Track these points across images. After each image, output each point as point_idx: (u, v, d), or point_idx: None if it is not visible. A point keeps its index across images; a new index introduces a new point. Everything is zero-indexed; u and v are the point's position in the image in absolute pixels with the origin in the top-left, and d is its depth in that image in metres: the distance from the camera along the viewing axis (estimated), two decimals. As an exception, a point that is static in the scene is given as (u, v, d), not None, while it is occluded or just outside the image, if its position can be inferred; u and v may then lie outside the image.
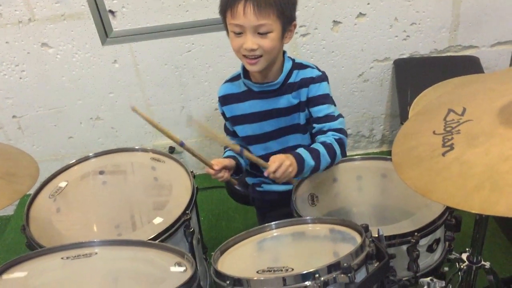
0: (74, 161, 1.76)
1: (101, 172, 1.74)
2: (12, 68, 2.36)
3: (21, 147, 2.59)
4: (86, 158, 1.78)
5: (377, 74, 2.48)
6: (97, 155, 1.80)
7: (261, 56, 1.49)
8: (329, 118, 1.57)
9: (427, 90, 1.69)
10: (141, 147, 1.82)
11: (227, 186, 2.00)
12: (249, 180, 1.83)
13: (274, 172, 1.41)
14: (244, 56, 1.50)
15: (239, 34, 1.47)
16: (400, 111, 2.23)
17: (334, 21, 2.31)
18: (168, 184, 1.64)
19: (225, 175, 1.58)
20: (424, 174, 1.02)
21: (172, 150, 2.58)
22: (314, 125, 1.60)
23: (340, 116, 1.59)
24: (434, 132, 1.10)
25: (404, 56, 2.42)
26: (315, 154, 1.49)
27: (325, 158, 1.51)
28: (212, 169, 1.55)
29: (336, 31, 2.34)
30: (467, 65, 2.34)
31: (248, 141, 1.71)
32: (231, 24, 1.48)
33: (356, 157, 1.72)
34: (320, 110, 1.58)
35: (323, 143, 1.53)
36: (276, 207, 1.74)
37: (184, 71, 2.41)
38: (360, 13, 2.30)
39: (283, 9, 1.46)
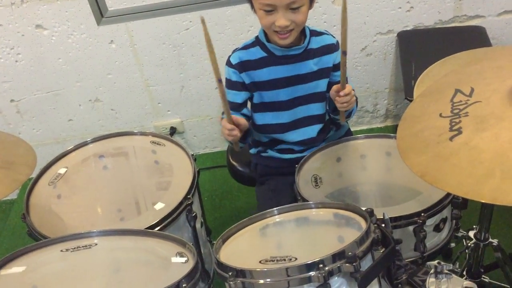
0: (72, 146, 1.74)
1: (101, 157, 1.72)
2: (7, 51, 2.31)
3: (21, 131, 2.58)
4: (84, 144, 1.75)
5: (381, 47, 2.42)
6: (95, 140, 1.77)
7: (292, 29, 1.49)
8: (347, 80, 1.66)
9: (433, 66, 1.62)
10: (140, 131, 1.80)
11: (229, 166, 1.98)
12: (253, 150, 1.80)
13: (347, 94, 1.48)
14: (275, 31, 1.50)
15: (269, 11, 1.45)
16: (405, 85, 2.18)
17: (335, -7, 2.25)
18: (169, 168, 1.62)
19: (238, 134, 1.52)
20: (431, 161, 0.98)
21: (173, 131, 2.55)
22: None
23: None
24: (440, 115, 1.06)
25: (408, 28, 2.36)
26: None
27: (355, 107, 1.61)
28: (230, 122, 1.49)
29: (338, 4, 2.27)
30: (473, 36, 2.28)
31: (260, 108, 1.69)
32: (260, 3, 1.45)
33: (359, 135, 1.70)
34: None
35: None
36: (277, 175, 1.73)
37: (182, 50, 2.36)
38: (362, -16, 2.23)
39: None
